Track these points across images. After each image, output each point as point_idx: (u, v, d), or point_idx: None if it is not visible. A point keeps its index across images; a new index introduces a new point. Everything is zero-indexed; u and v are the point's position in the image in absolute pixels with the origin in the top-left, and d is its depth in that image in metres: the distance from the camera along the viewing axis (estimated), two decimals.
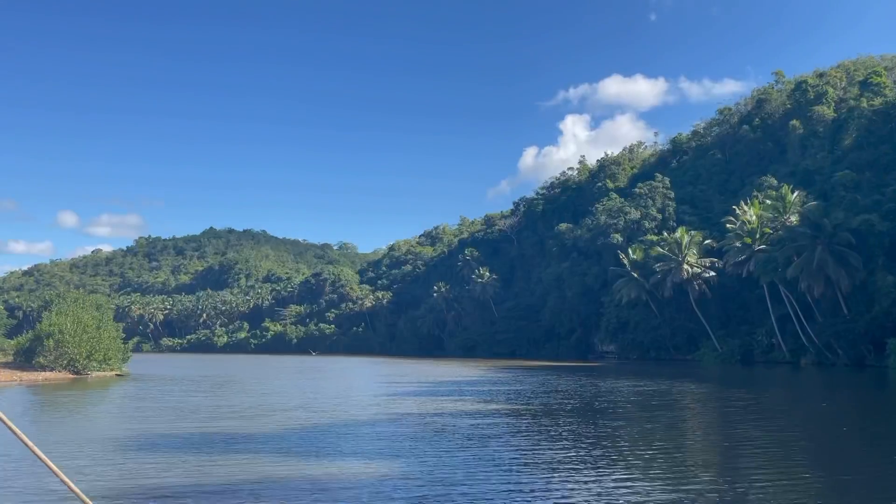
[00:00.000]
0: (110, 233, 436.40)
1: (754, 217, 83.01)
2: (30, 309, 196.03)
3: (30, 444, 3.70)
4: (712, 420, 32.04)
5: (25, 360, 54.75)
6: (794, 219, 78.67)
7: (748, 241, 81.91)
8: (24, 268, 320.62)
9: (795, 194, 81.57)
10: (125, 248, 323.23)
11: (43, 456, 3.77)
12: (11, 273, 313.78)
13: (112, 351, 58.10)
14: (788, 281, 74.78)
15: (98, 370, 56.64)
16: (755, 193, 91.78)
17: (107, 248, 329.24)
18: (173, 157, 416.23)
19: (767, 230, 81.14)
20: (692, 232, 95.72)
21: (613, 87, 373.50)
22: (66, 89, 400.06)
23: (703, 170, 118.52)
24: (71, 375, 54.91)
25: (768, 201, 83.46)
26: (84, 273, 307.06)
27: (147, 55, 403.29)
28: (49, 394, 44.14)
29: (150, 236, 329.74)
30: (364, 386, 53.69)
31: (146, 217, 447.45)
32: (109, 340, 57.58)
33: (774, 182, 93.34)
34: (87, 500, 4.32)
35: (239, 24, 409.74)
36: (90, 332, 54.81)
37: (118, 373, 59.15)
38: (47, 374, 53.32)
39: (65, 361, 54.43)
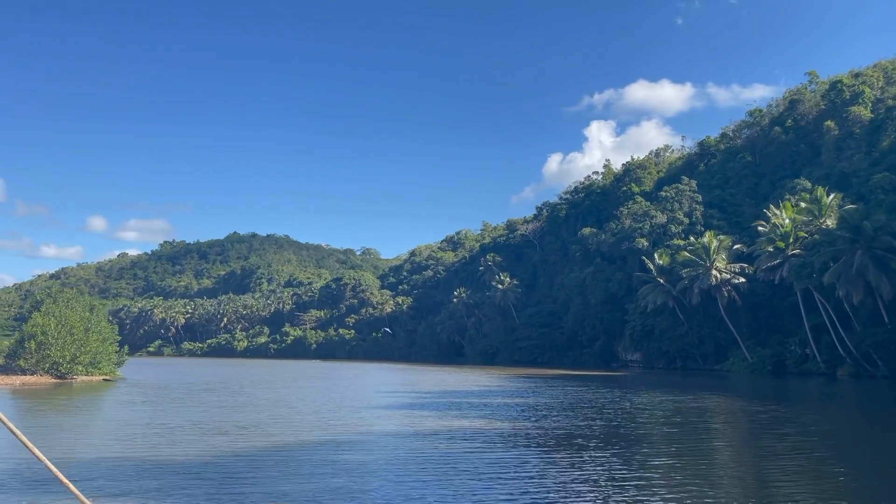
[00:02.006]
0: (138, 237, 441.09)
1: (787, 220, 79.04)
2: None
3: (29, 444, 3.71)
4: (774, 460, 22.23)
5: (12, 363, 52.47)
6: (830, 222, 74.68)
7: (781, 245, 77.95)
8: (52, 271, 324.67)
9: (832, 197, 77.56)
10: (149, 252, 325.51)
11: (43, 456, 3.80)
12: (39, 276, 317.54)
13: (101, 354, 55.14)
14: (825, 287, 70.78)
15: (84, 374, 53.75)
16: (788, 196, 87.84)
17: (132, 252, 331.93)
18: (200, 164, 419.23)
19: (802, 234, 77.13)
20: (721, 236, 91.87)
21: (639, 92, 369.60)
22: (95, 100, 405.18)
23: (733, 173, 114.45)
24: (53, 380, 52.05)
25: (803, 204, 79.49)
26: (109, 276, 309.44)
27: (175, 67, 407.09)
28: (8, 401, 40.85)
29: (174, 240, 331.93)
30: (357, 397, 48.10)
31: (173, 222, 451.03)
32: (97, 343, 54.41)
33: (808, 185, 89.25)
34: (85, 499, 4.19)
35: (268, 36, 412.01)
36: (77, 334, 51.70)
37: (106, 377, 56.40)
38: (26, 378, 50.34)
39: (47, 365, 51.49)
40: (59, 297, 55.47)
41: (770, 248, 78.89)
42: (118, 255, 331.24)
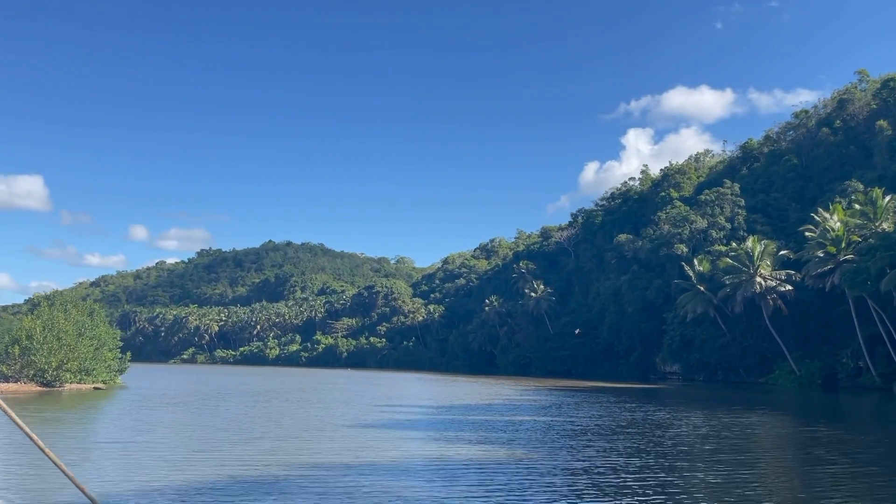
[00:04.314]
0: (178, 246, 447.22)
1: (838, 224, 73.95)
2: None
3: (36, 439, 3.71)
4: None
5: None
6: (886, 225, 69.61)
7: (832, 250, 72.84)
8: (92, 279, 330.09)
9: (888, 198, 72.35)
10: (186, 261, 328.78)
11: (48, 450, 3.80)
12: (80, 284, 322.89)
13: (94, 361, 52.11)
14: (881, 295, 65.68)
15: (74, 382, 50.89)
16: (838, 199, 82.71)
17: (170, 261, 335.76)
18: (239, 173, 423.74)
19: (855, 238, 72.01)
20: (765, 241, 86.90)
21: (677, 98, 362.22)
22: (137, 111, 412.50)
23: (777, 176, 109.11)
24: (39, 388, 49.18)
25: (856, 206, 74.43)
26: (147, 284, 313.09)
27: (213, 77, 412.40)
28: None
29: (210, 248, 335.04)
30: (350, 414, 40.68)
31: (212, 231, 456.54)
32: (88, 349, 51.21)
33: (861, 187, 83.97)
34: (91, 495, 3.99)
35: (298, 47, 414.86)
36: (66, 339, 48.58)
37: (97, 386, 53.45)
38: (7, 386, 46.90)
39: (31, 372, 48.58)
40: (57, 300, 53.15)
41: (820, 254, 73.90)
42: (156, 264, 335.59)
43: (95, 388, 52.98)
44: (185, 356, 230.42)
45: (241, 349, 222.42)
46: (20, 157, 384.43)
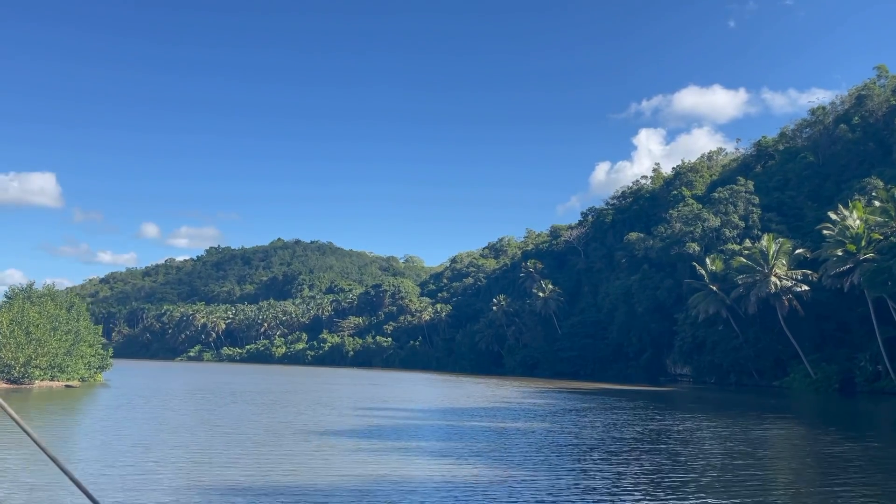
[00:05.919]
0: (189, 244, 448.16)
1: (858, 221, 71.14)
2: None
3: (38, 438, 3.62)
4: None
5: None
6: None
7: (852, 248, 70.03)
8: (102, 276, 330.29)
9: None
10: (195, 258, 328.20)
11: (50, 450, 3.69)
12: (90, 280, 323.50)
13: (66, 357, 49.18)
14: None
15: (45, 379, 48.25)
16: (857, 197, 79.86)
17: (179, 258, 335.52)
18: (249, 172, 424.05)
19: (876, 236, 69.20)
20: (780, 240, 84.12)
21: (690, 98, 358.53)
22: (149, 110, 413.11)
23: (793, 174, 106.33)
24: (5, 385, 46.16)
25: (877, 203, 71.62)
26: (155, 282, 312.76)
27: (223, 79, 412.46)
28: None
29: (219, 246, 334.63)
30: (316, 420, 37.42)
31: (222, 229, 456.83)
32: (58, 344, 48.08)
33: (881, 184, 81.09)
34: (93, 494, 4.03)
35: (310, 48, 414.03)
36: (36, 334, 45.52)
37: (69, 384, 50.66)
38: None
39: None
40: (33, 293, 50.82)
41: (839, 252, 71.10)
42: (165, 261, 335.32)
43: (67, 386, 50.33)
44: (191, 353, 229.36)
45: (248, 347, 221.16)
46: (33, 154, 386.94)
